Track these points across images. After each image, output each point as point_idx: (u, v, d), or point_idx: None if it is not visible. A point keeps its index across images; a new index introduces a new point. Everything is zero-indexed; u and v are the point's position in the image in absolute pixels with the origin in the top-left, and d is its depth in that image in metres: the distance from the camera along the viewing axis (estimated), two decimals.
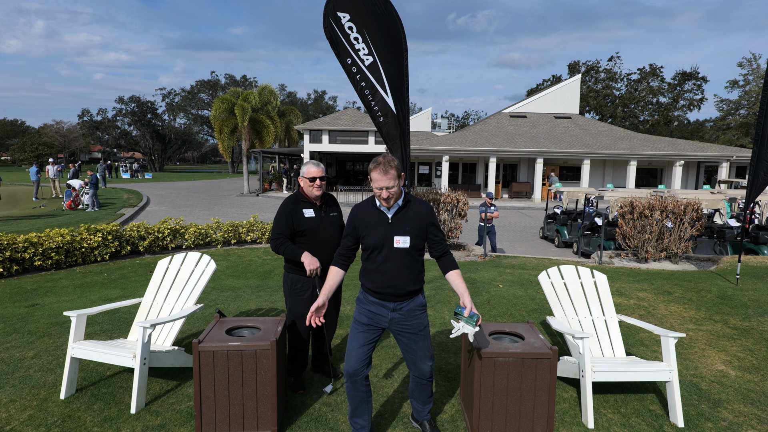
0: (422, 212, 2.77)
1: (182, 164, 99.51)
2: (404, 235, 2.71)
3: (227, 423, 2.92)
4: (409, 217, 2.74)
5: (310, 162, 3.46)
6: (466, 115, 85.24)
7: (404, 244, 2.71)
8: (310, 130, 27.37)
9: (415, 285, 2.80)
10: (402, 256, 2.73)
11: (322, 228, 3.46)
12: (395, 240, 2.71)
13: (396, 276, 2.74)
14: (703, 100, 49.45)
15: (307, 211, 3.43)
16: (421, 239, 2.77)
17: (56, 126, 67.72)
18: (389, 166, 2.60)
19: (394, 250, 2.72)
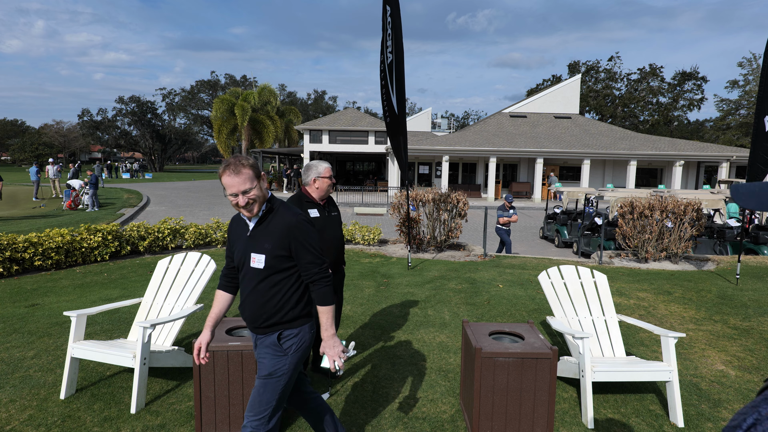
0: (286, 224, 2.20)
1: (182, 164, 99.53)
2: (260, 252, 2.19)
3: (227, 423, 2.92)
4: (270, 230, 2.21)
5: (319, 161, 3.50)
6: (466, 115, 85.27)
7: (259, 263, 2.20)
8: (310, 130, 27.38)
9: (272, 318, 2.23)
10: (255, 279, 2.22)
11: (327, 227, 3.50)
12: (251, 258, 2.22)
13: (247, 303, 2.26)
14: (703, 100, 49.45)
15: (312, 212, 3.46)
16: (283, 259, 2.20)
17: (56, 126, 67.72)
18: (240, 165, 2.16)
19: (250, 271, 2.24)
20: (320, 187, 3.48)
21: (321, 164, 3.48)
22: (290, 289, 2.25)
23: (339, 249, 3.58)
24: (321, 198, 3.51)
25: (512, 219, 9.96)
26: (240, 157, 2.20)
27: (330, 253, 3.49)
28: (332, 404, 3.38)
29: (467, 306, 5.71)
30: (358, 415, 3.25)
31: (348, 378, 3.80)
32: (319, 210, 3.50)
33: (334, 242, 3.52)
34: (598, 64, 52.44)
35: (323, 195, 3.51)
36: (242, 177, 2.15)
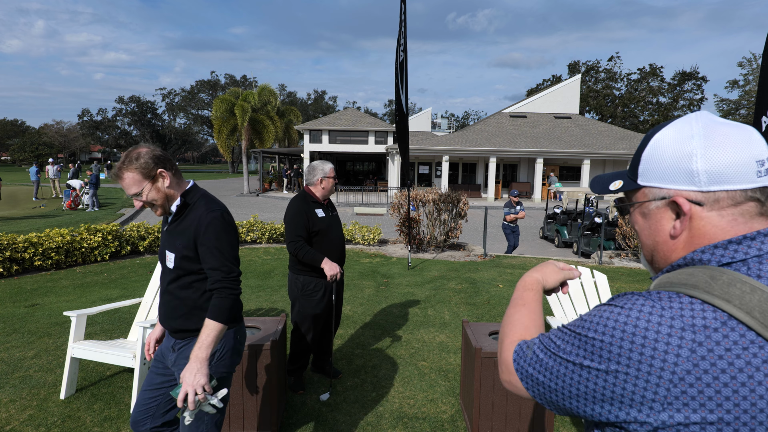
0: (196, 221, 1.95)
1: (182, 164, 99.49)
2: (171, 250, 2.00)
3: (227, 423, 2.92)
4: (182, 228, 1.99)
5: (323, 161, 3.54)
6: (466, 115, 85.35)
7: (169, 262, 2.01)
8: (310, 130, 27.39)
9: (186, 323, 2.01)
10: (167, 279, 2.03)
11: (332, 227, 3.53)
12: (166, 257, 2.03)
13: (161, 304, 2.08)
14: (703, 99, 49.49)
15: (318, 211, 3.48)
16: (192, 260, 1.97)
17: (56, 126, 67.78)
18: (122, 169, 1.90)
19: (165, 270, 2.05)
20: (326, 187, 3.51)
21: (326, 164, 3.52)
22: (205, 294, 1.99)
23: (342, 249, 3.60)
24: (324, 198, 3.55)
25: (519, 215, 9.68)
26: (128, 156, 1.91)
27: (335, 253, 3.51)
28: (333, 404, 3.38)
29: (467, 306, 5.71)
30: (358, 415, 3.25)
31: (348, 378, 3.80)
32: (323, 210, 3.52)
33: (338, 242, 3.54)
34: (598, 64, 52.48)
35: (327, 195, 3.54)
36: (125, 182, 1.91)
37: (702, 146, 0.75)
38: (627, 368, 0.69)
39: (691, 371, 0.66)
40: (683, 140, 0.77)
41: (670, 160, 0.78)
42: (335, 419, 3.19)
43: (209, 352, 1.82)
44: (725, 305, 0.68)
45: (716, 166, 0.74)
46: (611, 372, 0.71)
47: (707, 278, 0.71)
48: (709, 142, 0.75)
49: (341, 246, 3.58)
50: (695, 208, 0.77)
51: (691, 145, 0.76)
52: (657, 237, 0.83)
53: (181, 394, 1.74)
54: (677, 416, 0.66)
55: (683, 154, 0.77)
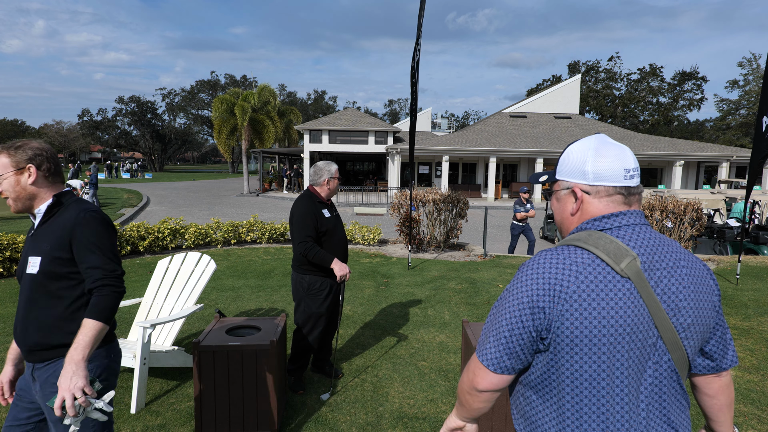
0: (71, 219, 1.79)
1: (182, 164, 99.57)
2: (36, 254, 1.79)
3: (227, 423, 2.92)
4: (52, 229, 1.81)
5: (328, 162, 3.55)
6: (466, 115, 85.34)
7: (33, 268, 1.79)
8: (310, 130, 27.38)
9: (48, 337, 1.78)
10: (29, 289, 1.79)
11: (338, 227, 3.56)
12: (28, 263, 1.81)
13: (19, 319, 1.82)
14: (703, 100, 49.47)
15: (325, 211, 3.50)
16: (63, 262, 1.77)
17: (56, 126, 67.80)
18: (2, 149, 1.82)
19: (26, 278, 1.81)
20: (332, 188, 3.54)
21: (332, 165, 3.54)
22: (74, 303, 1.80)
23: (346, 249, 3.63)
24: (328, 198, 3.57)
25: (530, 214, 9.42)
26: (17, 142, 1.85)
27: (339, 253, 3.53)
28: (333, 403, 3.38)
29: (467, 306, 5.71)
30: (358, 415, 3.25)
31: (348, 378, 3.80)
32: (329, 210, 3.54)
33: (343, 242, 3.57)
34: (598, 64, 52.47)
35: (331, 195, 3.57)
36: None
37: (592, 157, 1.17)
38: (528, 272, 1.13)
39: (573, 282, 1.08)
40: (582, 151, 1.20)
41: (573, 163, 1.20)
42: (335, 419, 3.19)
43: (87, 353, 1.65)
44: (594, 250, 1.11)
45: (599, 169, 1.16)
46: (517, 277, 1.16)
47: (586, 236, 1.14)
48: (597, 154, 1.17)
49: (345, 246, 3.60)
50: (585, 195, 1.19)
51: (587, 155, 1.18)
52: (563, 214, 1.25)
53: (58, 400, 1.55)
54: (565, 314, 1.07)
55: (581, 160, 1.19)
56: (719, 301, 1.20)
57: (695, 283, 1.14)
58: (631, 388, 1.08)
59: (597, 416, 1.08)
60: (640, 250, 1.11)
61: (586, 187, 1.18)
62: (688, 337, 1.12)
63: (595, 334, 1.05)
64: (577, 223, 1.21)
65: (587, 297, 1.06)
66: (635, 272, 1.08)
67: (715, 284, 1.20)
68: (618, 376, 1.07)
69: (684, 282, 1.13)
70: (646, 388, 1.10)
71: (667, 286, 1.11)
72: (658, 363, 1.11)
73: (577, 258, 1.10)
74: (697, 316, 1.13)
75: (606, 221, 1.16)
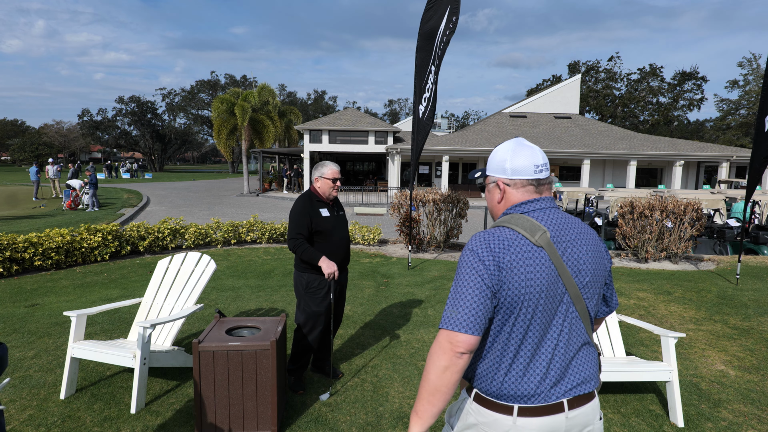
0: None
1: (182, 164, 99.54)
2: None
3: (227, 423, 2.92)
4: None
5: (328, 162, 3.50)
6: (466, 115, 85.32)
7: None
8: (310, 130, 27.37)
9: None
10: None
11: (337, 227, 3.52)
12: None
13: None
14: (703, 100, 49.48)
15: (323, 211, 3.48)
16: None
17: (56, 126, 67.77)
18: None
19: None
20: (321, 188, 3.49)
21: (326, 166, 3.48)
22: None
23: (347, 250, 3.60)
24: (328, 198, 3.52)
25: None
26: None
27: (338, 253, 3.50)
28: (333, 403, 3.38)
29: None
30: (358, 415, 3.25)
31: (348, 378, 3.80)
32: (329, 209, 3.51)
33: (343, 242, 3.54)
34: (598, 64, 52.45)
35: (327, 194, 3.51)
36: None
37: (510, 156, 1.52)
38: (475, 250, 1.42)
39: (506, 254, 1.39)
40: (503, 152, 1.55)
41: (497, 162, 1.56)
42: (335, 419, 3.19)
43: None
44: (515, 228, 1.43)
45: (515, 166, 1.51)
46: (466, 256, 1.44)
47: (509, 218, 1.48)
48: (514, 154, 1.52)
49: (345, 246, 3.57)
50: (506, 187, 1.54)
51: (506, 156, 1.53)
52: (492, 202, 1.59)
53: None
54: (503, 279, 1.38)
55: (502, 159, 1.54)
56: (610, 264, 1.60)
57: (592, 251, 1.51)
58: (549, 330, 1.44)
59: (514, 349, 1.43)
60: (550, 227, 1.46)
61: (507, 180, 1.54)
62: (587, 292, 1.49)
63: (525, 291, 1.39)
64: (503, 209, 1.56)
65: (517, 265, 1.38)
66: (546, 242, 1.42)
67: (606, 252, 1.59)
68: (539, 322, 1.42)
69: (584, 250, 1.49)
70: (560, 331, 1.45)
71: (571, 253, 1.46)
72: (566, 312, 1.46)
73: (507, 235, 1.42)
74: (593, 275, 1.50)
75: (523, 207, 1.50)
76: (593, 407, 1.51)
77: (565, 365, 1.46)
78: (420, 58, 7.05)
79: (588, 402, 1.49)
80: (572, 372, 1.47)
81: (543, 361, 1.43)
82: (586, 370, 1.50)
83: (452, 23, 6.77)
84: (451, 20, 6.76)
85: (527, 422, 1.41)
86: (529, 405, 1.41)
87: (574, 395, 1.45)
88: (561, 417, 1.43)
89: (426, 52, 6.97)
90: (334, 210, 3.57)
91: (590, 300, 1.50)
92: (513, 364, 1.43)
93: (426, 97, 7.08)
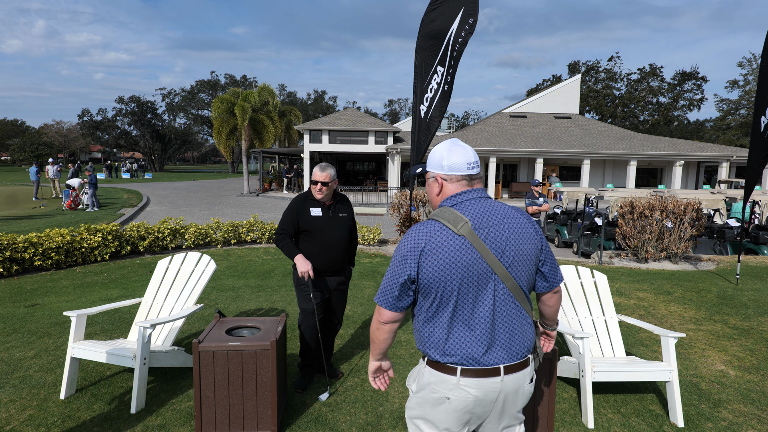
0: None
1: (182, 164, 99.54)
2: None
3: (227, 423, 2.92)
4: None
5: (318, 165, 3.46)
6: (466, 115, 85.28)
7: None
8: (310, 130, 27.37)
9: None
10: None
11: (328, 228, 3.46)
12: None
13: None
14: (703, 100, 49.48)
15: (315, 210, 3.44)
16: None
17: (56, 126, 67.74)
18: None
19: None
20: (313, 189, 3.44)
21: (318, 169, 3.41)
22: None
23: (338, 252, 3.52)
24: (323, 199, 3.45)
25: (543, 208, 8.85)
26: None
27: (326, 254, 3.44)
28: (333, 403, 3.38)
29: None
30: (358, 415, 3.25)
31: (348, 378, 3.80)
32: (322, 210, 3.46)
33: (333, 244, 3.46)
34: (598, 64, 52.46)
35: (322, 197, 3.44)
36: None
37: (446, 155, 1.77)
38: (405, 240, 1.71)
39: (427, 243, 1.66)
40: (440, 151, 1.79)
41: (436, 160, 1.79)
42: (335, 419, 3.19)
43: None
44: (441, 220, 1.68)
45: (450, 163, 1.76)
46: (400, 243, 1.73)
47: (439, 212, 1.72)
48: (450, 153, 1.77)
49: (335, 249, 3.48)
50: (444, 182, 1.78)
51: (443, 154, 1.78)
52: (432, 194, 1.83)
53: None
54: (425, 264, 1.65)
55: (440, 157, 1.79)
56: (540, 241, 1.79)
57: (516, 232, 1.72)
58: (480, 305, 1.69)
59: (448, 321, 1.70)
60: (472, 217, 1.70)
61: (444, 175, 1.79)
62: (514, 270, 1.70)
63: (445, 273, 1.65)
64: (441, 200, 1.80)
65: (438, 252, 1.66)
66: (468, 231, 1.67)
67: (535, 231, 1.78)
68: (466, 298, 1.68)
69: (506, 232, 1.71)
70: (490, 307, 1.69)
71: (494, 236, 1.69)
72: (496, 289, 1.69)
73: (432, 227, 1.70)
74: (518, 253, 1.71)
75: (456, 198, 1.76)
76: (525, 373, 1.78)
77: (502, 335, 1.72)
78: (421, 57, 6.99)
79: (522, 369, 1.76)
80: (507, 341, 1.73)
81: (478, 330, 1.70)
82: (519, 339, 1.76)
83: (468, 25, 6.59)
84: (467, 22, 6.61)
85: (468, 381, 1.70)
86: (469, 367, 1.70)
87: (509, 363, 1.73)
88: (497, 380, 1.72)
89: (430, 52, 6.88)
90: (330, 211, 3.49)
91: (520, 277, 1.72)
92: (450, 333, 1.71)
93: (428, 98, 7.03)
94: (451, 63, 6.75)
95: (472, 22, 6.52)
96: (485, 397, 1.72)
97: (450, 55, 6.79)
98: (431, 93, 7.04)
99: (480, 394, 1.71)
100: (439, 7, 6.80)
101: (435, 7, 6.84)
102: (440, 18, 6.85)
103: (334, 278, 3.58)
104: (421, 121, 7.30)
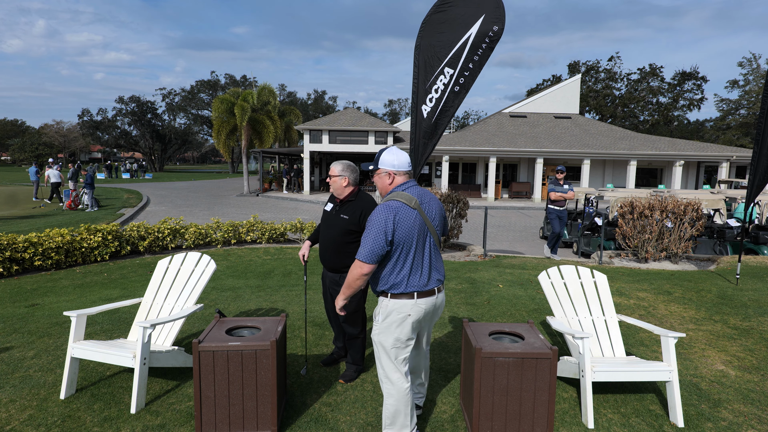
0: None
1: (182, 164, 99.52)
2: None
3: (227, 423, 2.92)
4: None
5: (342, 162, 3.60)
6: (467, 115, 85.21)
7: None
8: (310, 130, 27.37)
9: None
10: None
11: (326, 224, 3.63)
12: None
13: None
14: (703, 99, 49.46)
15: (328, 206, 3.68)
16: None
17: (56, 126, 67.71)
18: None
19: None
20: (331, 184, 3.60)
21: (335, 163, 3.59)
22: None
23: (332, 250, 3.54)
24: (338, 195, 3.55)
25: (568, 195, 8.44)
26: None
27: (321, 248, 3.66)
28: (333, 403, 3.38)
29: (467, 306, 5.71)
30: (358, 415, 3.25)
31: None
32: (333, 205, 3.64)
33: (327, 241, 3.59)
34: (598, 64, 52.44)
35: (338, 192, 3.54)
36: None
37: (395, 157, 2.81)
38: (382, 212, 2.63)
39: (397, 215, 2.62)
40: (391, 155, 2.81)
41: (388, 161, 2.81)
42: (335, 419, 3.19)
43: None
44: (400, 199, 2.67)
45: (399, 162, 2.81)
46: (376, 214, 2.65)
47: (396, 194, 2.70)
48: (396, 156, 2.81)
49: (329, 246, 3.55)
50: (395, 176, 2.81)
51: (392, 157, 2.81)
52: (384, 185, 2.83)
53: None
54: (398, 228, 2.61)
55: (391, 158, 2.81)
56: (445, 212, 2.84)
57: (437, 207, 2.83)
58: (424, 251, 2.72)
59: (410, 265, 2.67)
60: (417, 197, 2.71)
61: (395, 171, 2.79)
62: (437, 229, 2.83)
63: (408, 234, 2.62)
64: (392, 188, 2.80)
65: (402, 219, 2.60)
66: (417, 205, 2.66)
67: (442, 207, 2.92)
68: (418, 248, 2.68)
69: (434, 207, 2.81)
70: (428, 252, 2.74)
71: (428, 209, 2.76)
72: (431, 241, 2.76)
73: (397, 204, 2.63)
74: (439, 219, 2.85)
75: (404, 186, 2.77)
76: (443, 291, 2.86)
77: (434, 268, 2.78)
78: (424, 57, 6.95)
79: (443, 289, 2.85)
80: (436, 271, 2.79)
81: (425, 267, 2.72)
82: (440, 270, 2.84)
83: (493, 32, 6.37)
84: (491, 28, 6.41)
85: (422, 300, 2.70)
86: (421, 290, 2.70)
87: (438, 285, 2.79)
88: (434, 297, 2.77)
89: (435, 52, 6.83)
90: (336, 207, 3.57)
91: (439, 231, 2.87)
92: (411, 271, 2.67)
93: (432, 98, 7.00)
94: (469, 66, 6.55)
95: (497, 29, 6.27)
96: (429, 308, 2.74)
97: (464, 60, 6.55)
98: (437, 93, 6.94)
99: (427, 307, 2.73)
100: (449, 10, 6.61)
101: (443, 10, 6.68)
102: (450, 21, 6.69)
103: (330, 275, 3.69)
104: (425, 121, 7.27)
